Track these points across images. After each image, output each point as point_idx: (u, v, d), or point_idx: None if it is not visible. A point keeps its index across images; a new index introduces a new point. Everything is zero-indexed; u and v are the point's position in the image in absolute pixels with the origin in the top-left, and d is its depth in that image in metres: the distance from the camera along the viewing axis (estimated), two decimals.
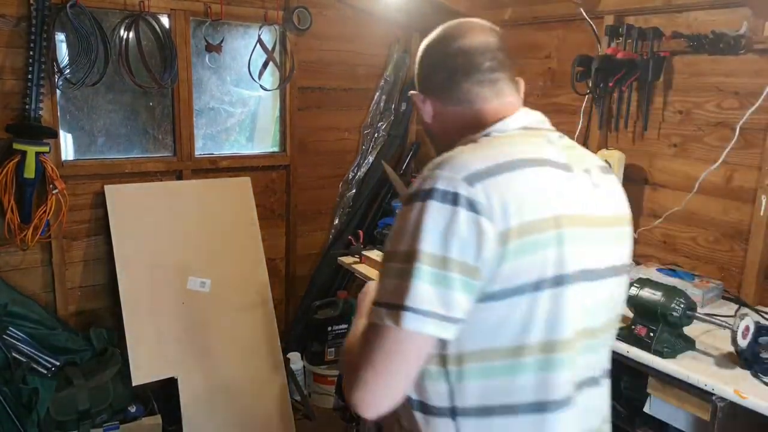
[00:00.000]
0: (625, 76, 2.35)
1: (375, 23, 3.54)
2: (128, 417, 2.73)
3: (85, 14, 2.61)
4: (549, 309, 0.89)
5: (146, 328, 2.74)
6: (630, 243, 1.07)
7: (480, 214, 0.85)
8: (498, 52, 1.08)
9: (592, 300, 0.96)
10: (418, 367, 0.90)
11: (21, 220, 2.60)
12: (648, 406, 1.85)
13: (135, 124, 3.01)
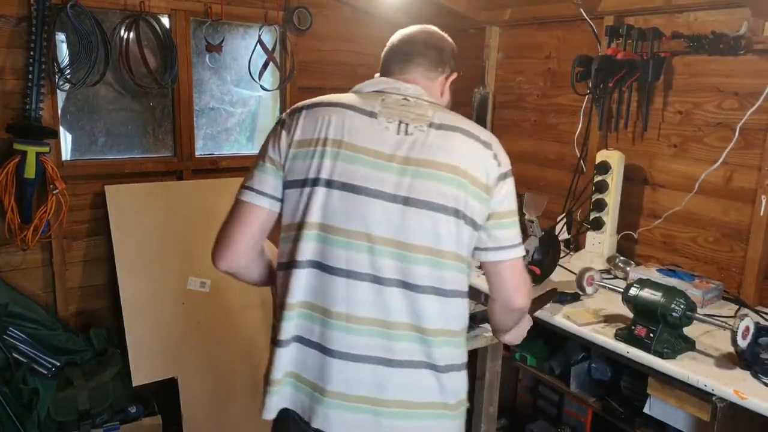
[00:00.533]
0: (625, 76, 2.35)
1: (375, 23, 3.54)
2: (128, 417, 2.73)
3: (86, 14, 2.61)
4: (307, 200, 1.27)
5: (146, 328, 2.74)
6: (457, 189, 1.25)
7: (283, 129, 1.33)
8: (419, 45, 1.45)
9: (349, 206, 1.26)
10: (252, 231, 1.35)
11: (21, 220, 2.61)
12: (648, 407, 1.85)
13: (135, 124, 3.01)
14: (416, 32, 1.49)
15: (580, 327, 1.94)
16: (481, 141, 1.31)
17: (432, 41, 1.48)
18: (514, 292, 1.36)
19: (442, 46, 1.50)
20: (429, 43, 1.47)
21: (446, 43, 1.53)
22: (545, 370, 2.27)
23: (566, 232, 2.73)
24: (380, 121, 1.30)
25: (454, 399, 1.32)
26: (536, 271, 2.21)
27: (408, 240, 1.24)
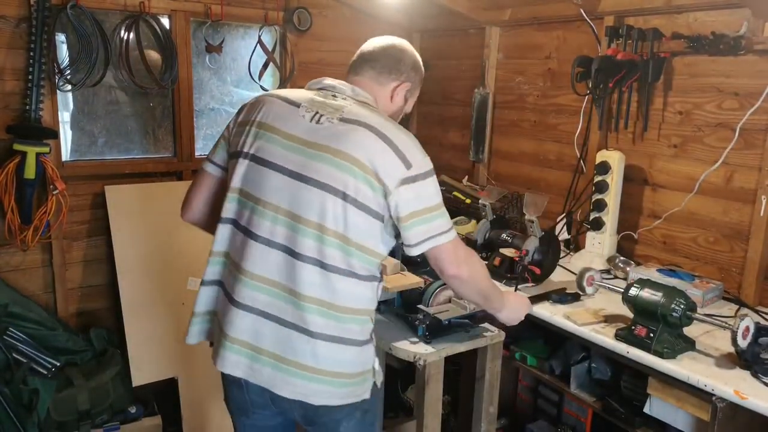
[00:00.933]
0: (625, 76, 2.35)
1: (375, 24, 3.54)
2: (128, 417, 2.73)
3: (86, 15, 2.61)
4: (234, 169, 1.53)
5: (146, 328, 2.74)
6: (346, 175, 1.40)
7: (237, 113, 1.63)
8: (378, 52, 1.68)
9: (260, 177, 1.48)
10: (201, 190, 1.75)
11: (21, 220, 2.61)
12: (648, 407, 1.85)
13: (135, 124, 3.01)
14: (382, 41, 1.70)
15: (581, 327, 1.94)
16: (385, 138, 1.43)
17: (391, 50, 1.68)
18: (448, 266, 1.49)
19: (401, 57, 1.68)
20: (388, 51, 1.67)
21: (406, 56, 1.70)
22: (545, 370, 2.27)
23: (566, 232, 2.73)
24: (300, 111, 1.50)
25: (330, 367, 1.46)
26: (536, 271, 2.21)
27: (299, 212, 1.43)
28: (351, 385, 1.50)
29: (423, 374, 1.86)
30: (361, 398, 1.53)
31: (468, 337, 1.92)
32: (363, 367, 1.52)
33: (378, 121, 1.47)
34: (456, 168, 3.51)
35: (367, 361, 1.53)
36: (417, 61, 1.72)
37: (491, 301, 1.70)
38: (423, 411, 1.90)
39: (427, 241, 1.45)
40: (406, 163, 1.42)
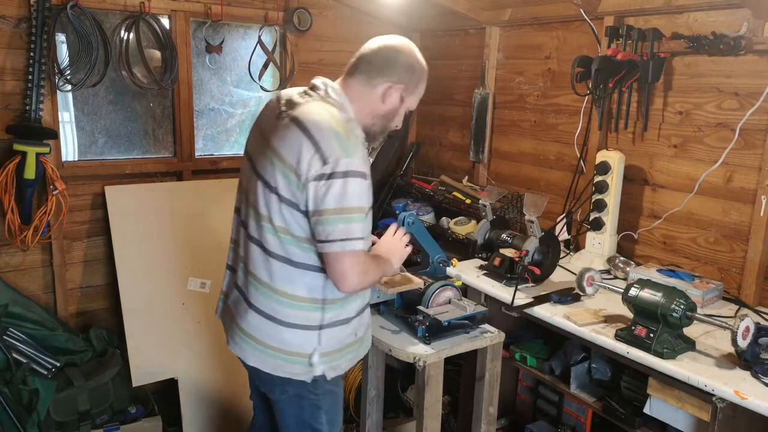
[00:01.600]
0: (625, 77, 2.35)
1: (375, 24, 3.54)
2: (128, 418, 2.73)
3: (86, 15, 2.61)
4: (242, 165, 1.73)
5: (146, 328, 2.74)
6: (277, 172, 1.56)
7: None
8: (371, 53, 1.70)
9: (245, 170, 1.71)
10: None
11: (21, 220, 2.61)
12: (648, 407, 1.85)
13: (135, 125, 3.01)
14: (380, 42, 1.71)
15: (581, 327, 1.94)
16: (309, 135, 1.53)
17: (385, 52, 1.68)
18: (338, 281, 1.56)
19: (395, 58, 1.67)
20: (381, 52, 1.68)
21: (401, 56, 1.68)
22: (545, 371, 2.27)
23: (566, 232, 2.73)
24: (274, 109, 1.65)
25: (259, 336, 1.65)
26: (536, 272, 2.21)
27: (254, 202, 1.63)
28: (279, 358, 1.64)
29: (423, 375, 1.86)
30: (294, 377, 1.65)
31: (468, 338, 1.92)
32: (298, 349, 1.64)
33: (314, 119, 1.55)
34: (456, 168, 3.51)
35: (304, 345, 1.63)
36: (413, 64, 1.69)
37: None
38: (423, 411, 1.90)
39: (334, 243, 1.51)
40: (323, 159, 1.49)
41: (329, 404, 1.76)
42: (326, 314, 1.64)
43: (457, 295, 2.00)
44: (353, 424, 2.95)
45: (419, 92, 1.74)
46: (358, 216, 1.53)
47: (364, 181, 1.53)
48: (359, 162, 1.52)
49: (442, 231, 3.11)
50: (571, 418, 2.43)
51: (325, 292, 1.63)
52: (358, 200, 1.52)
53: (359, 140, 1.60)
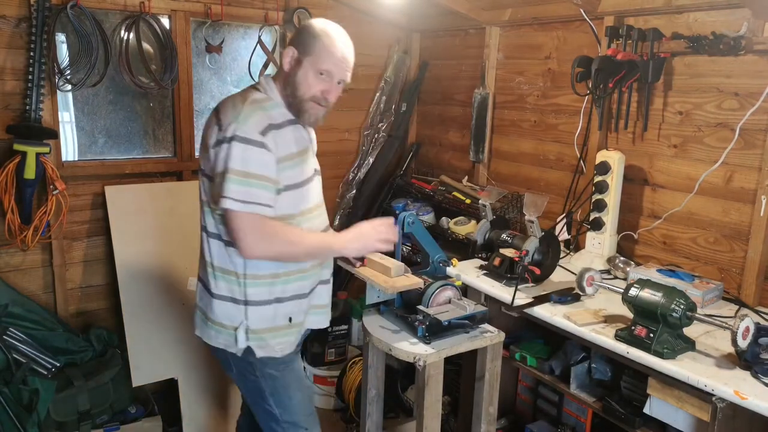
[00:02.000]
0: (625, 77, 2.35)
1: (375, 24, 3.54)
2: (128, 418, 2.73)
3: (86, 15, 2.61)
4: None
5: (146, 328, 2.74)
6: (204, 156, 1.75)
7: None
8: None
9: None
10: None
11: (21, 220, 2.61)
12: (648, 407, 1.85)
13: (135, 124, 3.01)
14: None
15: (581, 327, 1.94)
16: (216, 111, 1.75)
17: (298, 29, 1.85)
18: (235, 242, 1.67)
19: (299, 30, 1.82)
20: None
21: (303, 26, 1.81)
22: (545, 371, 2.27)
23: (566, 232, 2.73)
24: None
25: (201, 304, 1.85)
26: (536, 272, 2.21)
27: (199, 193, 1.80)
28: (212, 329, 1.81)
29: (423, 375, 1.86)
30: (227, 348, 1.80)
31: (468, 338, 1.92)
32: (225, 320, 1.78)
33: (224, 101, 1.78)
34: (456, 168, 3.51)
35: (232, 318, 1.77)
36: (307, 26, 1.78)
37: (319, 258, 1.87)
38: (423, 411, 1.90)
39: (228, 200, 1.62)
40: (220, 126, 1.67)
41: (272, 388, 1.85)
42: (248, 289, 1.75)
43: (457, 294, 2.00)
44: (353, 424, 2.95)
45: (318, 49, 1.72)
46: (258, 182, 1.63)
47: (255, 149, 1.63)
48: (250, 129, 1.63)
49: (442, 231, 3.11)
50: (571, 418, 2.43)
51: (245, 268, 1.74)
52: (245, 165, 1.62)
53: (258, 111, 1.69)
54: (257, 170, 1.64)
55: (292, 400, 1.90)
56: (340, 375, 3.10)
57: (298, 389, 1.91)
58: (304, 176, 1.80)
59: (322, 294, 1.94)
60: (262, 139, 1.65)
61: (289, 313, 1.82)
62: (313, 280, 1.88)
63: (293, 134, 1.78)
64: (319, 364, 3.25)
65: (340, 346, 3.28)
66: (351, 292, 3.57)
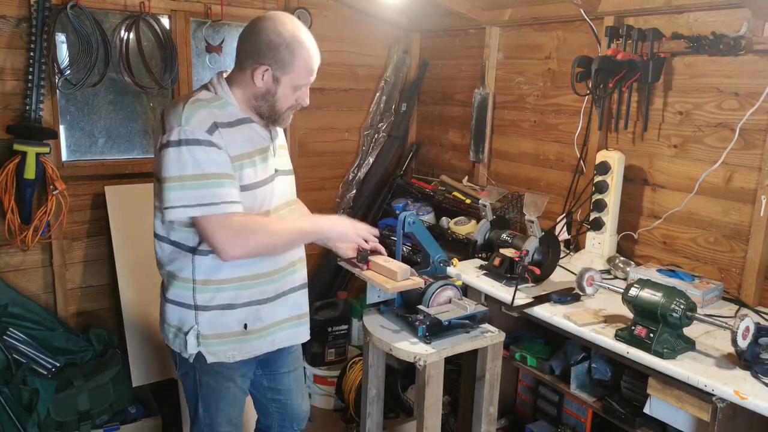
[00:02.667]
0: (625, 77, 2.35)
1: (375, 24, 3.54)
2: (128, 418, 2.73)
3: (86, 15, 2.61)
4: None
5: (146, 328, 2.74)
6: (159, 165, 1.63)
7: None
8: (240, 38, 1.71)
9: None
10: None
11: (21, 220, 2.61)
12: (648, 407, 1.85)
13: (135, 124, 3.01)
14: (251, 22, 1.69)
15: (581, 327, 1.94)
16: (161, 115, 1.66)
17: (248, 32, 1.67)
18: (214, 248, 1.63)
19: (257, 38, 1.64)
20: (245, 34, 1.68)
21: (262, 34, 1.64)
22: (545, 371, 2.27)
23: (566, 232, 2.73)
24: None
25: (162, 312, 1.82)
26: (536, 272, 2.21)
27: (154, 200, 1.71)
28: (169, 332, 1.80)
29: (423, 375, 1.86)
30: (182, 352, 1.77)
31: (468, 338, 1.92)
32: (178, 323, 1.76)
33: (170, 103, 1.73)
34: (456, 168, 3.51)
35: (182, 322, 1.75)
36: (272, 39, 1.63)
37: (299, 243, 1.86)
38: (423, 411, 1.90)
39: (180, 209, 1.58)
40: (164, 129, 1.61)
41: (204, 395, 1.83)
42: (198, 295, 1.71)
43: (457, 294, 2.00)
44: (353, 424, 2.95)
45: (298, 66, 1.67)
46: (215, 181, 1.58)
47: (204, 148, 1.57)
48: (195, 130, 1.57)
49: (442, 231, 3.12)
50: (571, 418, 2.43)
51: (194, 273, 1.70)
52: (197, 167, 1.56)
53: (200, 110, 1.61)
54: (211, 169, 1.58)
55: (219, 412, 1.85)
56: (340, 375, 3.10)
57: (229, 405, 1.86)
58: (260, 176, 1.72)
59: (294, 302, 1.90)
60: (209, 138, 1.58)
61: (243, 320, 1.76)
62: (270, 288, 1.80)
63: (247, 133, 1.70)
64: (319, 364, 3.25)
65: (340, 346, 3.28)
66: (351, 292, 3.57)
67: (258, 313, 1.78)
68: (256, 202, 1.70)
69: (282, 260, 1.81)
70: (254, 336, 1.79)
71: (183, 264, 1.71)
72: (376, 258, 1.97)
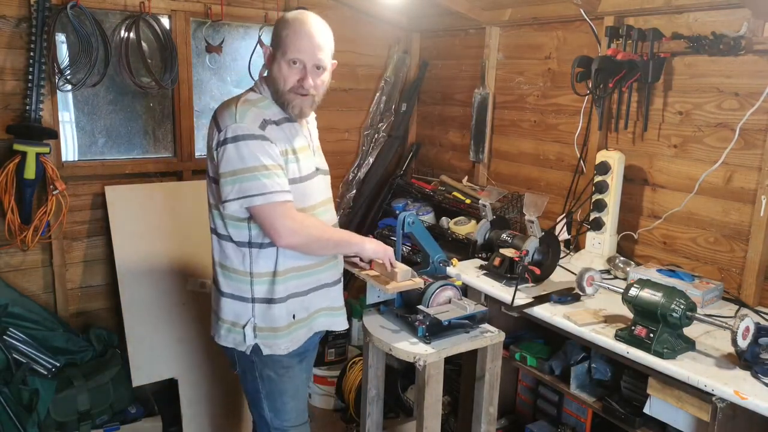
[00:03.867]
0: (625, 77, 2.35)
1: (375, 24, 3.54)
2: (128, 418, 2.73)
3: (86, 15, 2.61)
4: None
5: (146, 328, 2.74)
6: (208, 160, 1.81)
7: None
8: None
9: None
10: None
11: (21, 220, 2.61)
12: (648, 407, 1.85)
13: (135, 124, 3.01)
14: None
15: (581, 327, 1.94)
16: (214, 116, 1.75)
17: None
18: (271, 235, 1.70)
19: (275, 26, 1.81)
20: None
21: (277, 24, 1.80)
22: (545, 371, 2.27)
23: (566, 232, 2.73)
24: None
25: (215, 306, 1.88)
26: (536, 272, 2.21)
27: (207, 197, 1.86)
28: (224, 328, 1.84)
29: (423, 375, 1.86)
30: (237, 347, 1.83)
31: (468, 338, 1.92)
32: (234, 318, 1.83)
33: (221, 104, 1.78)
34: (456, 168, 3.51)
35: (240, 315, 1.81)
36: (278, 22, 1.80)
37: (342, 249, 1.91)
38: (423, 411, 1.90)
39: (240, 200, 1.68)
40: (218, 128, 1.70)
41: (268, 390, 1.88)
42: (255, 287, 1.79)
43: (457, 294, 2.00)
44: (353, 424, 2.95)
45: (286, 39, 1.74)
46: (270, 172, 1.67)
47: (258, 142, 1.67)
48: (248, 126, 1.67)
49: (442, 231, 3.11)
50: (571, 418, 2.43)
51: (252, 266, 1.78)
52: (253, 160, 1.66)
53: (252, 108, 1.72)
54: (266, 161, 1.67)
55: (286, 406, 1.91)
56: (340, 375, 3.10)
57: (293, 398, 1.93)
58: (302, 173, 1.81)
59: (331, 296, 1.96)
60: (262, 133, 1.69)
61: (292, 311, 1.84)
62: (313, 279, 1.88)
63: (290, 131, 1.80)
64: (319, 364, 3.24)
65: (340, 346, 3.28)
66: (351, 292, 3.57)
67: (303, 303, 1.86)
68: (298, 196, 1.77)
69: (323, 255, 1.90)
70: (301, 325, 1.87)
71: (239, 258, 1.79)
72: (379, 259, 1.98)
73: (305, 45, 1.73)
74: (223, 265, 1.84)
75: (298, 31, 1.73)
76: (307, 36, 1.73)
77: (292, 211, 1.70)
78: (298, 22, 1.75)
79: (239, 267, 1.80)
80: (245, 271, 1.79)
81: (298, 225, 1.71)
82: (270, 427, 1.94)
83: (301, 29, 1.73)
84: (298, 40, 1.73)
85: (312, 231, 1.75)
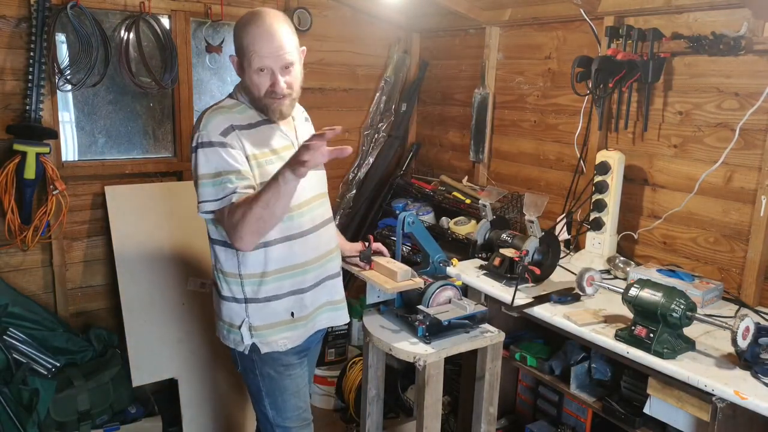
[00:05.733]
0: (625, 77, 2.35)
1: (375, 24, 3.54)
2: (128, 418, 2.73)
3: (86, 15, 2.61)
4: None
5: (146, 328, 2.74)
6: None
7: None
8: None
9: None
10: None
11: (21, 220, 2.61)
12: (648, 407, 1.85)
13: (135, 124, 3.01)
14: None
15: (581, 327, 1.94)
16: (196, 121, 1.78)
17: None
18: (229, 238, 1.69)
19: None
20: None
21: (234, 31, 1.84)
22: (545, 371, 2.27)
23: (566, 232, 2.73)
24: None
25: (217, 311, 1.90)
26: (536, 272, 2.21)
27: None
28: (224, 329, 1.88)
29: (423, 375, 1.86)
30: (236, 347, 1.86)
31: (468, 338, 1.92)
32: (231, 320, 1.85)
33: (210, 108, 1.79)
34: (456, 168, 3.51)
35: (235, 317, 1.84)
36: (234, 32, 1.83)
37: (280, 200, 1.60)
38: (423, 411, 1.90)
39: (201, 205, 1.71)
40: (193, 135, 1.73)
41: (269, 388, 1.89)
42: (246, 288, 1.81)
43: (457, 294, 2.00)
44: (353, 424, 2.95)
45: (246, 48, 1.72)
46: (226, 178, 1.66)
47: (217, 149, 1.67)
48: (210, 134, 1.68)
49: (442, 231, 3.12)
50: (571, 418, 2.43)
51: (240, 268, 1.80)
52: (210, 167, 1.68)
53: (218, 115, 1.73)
54: (223, 167, 1.67)
55: (287, 404, 1.92)
56: (340, 375, 3.10)
57: (294, 395, 1.93)
58: None
59: (331, 290, 1.96)
60: (223, 140, 1.69)
61: (290, 308, 1.85)
62: (315, 274, 1.88)
63: (267, 134, 1.80)
64: (319, 364, 3.24)
65: (340, 346, 3.28)
66: (351, 292, 3.57)
67: (302, 301, 1.87)
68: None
69: (318, 251, 1.88)
70: (301, 323, 1.88)
71: (229, 260, 1.81)
72: (379, 258, 1.98)
73: (267, 50, 1.69)
74: (217, 268, 1.87)
75: (256, 36, 1.70)
76: (266, 39, 1.69)
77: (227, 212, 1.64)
78: (253, 25, 1.73)
79: (230, 269, 1.82)
80: (235, 273, 1.82)
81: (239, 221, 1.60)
82: (272, 425, 1.94)
83: (258, 33, 1.70)
84: (259, 46, 1.69)
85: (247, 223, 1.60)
